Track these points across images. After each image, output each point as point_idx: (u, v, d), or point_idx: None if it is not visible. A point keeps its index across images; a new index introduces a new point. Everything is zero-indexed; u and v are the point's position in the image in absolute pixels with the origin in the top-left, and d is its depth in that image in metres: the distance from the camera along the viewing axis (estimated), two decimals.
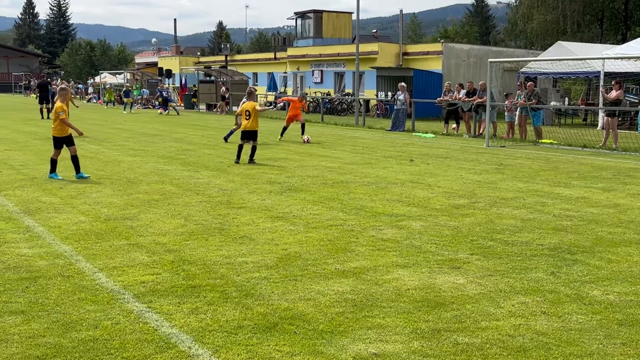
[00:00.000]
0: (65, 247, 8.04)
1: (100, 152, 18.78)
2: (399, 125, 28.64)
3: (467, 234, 8.90)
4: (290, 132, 24.13)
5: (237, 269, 7.17)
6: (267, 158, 17.55)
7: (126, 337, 5.24)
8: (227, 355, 4.91)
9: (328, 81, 49.76)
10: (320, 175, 14.44)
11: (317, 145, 21.57)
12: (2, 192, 11.94)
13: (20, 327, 5.44)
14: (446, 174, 14.83)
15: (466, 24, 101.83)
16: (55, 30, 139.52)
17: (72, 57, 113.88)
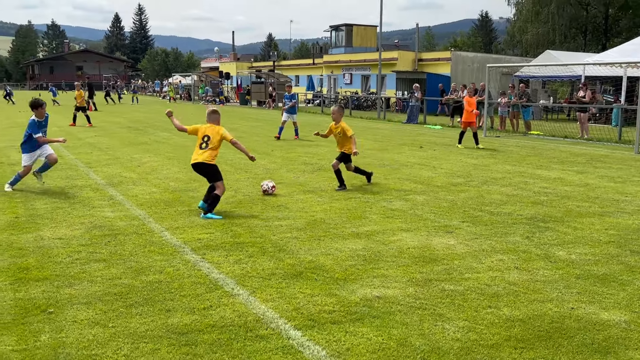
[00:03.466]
0: (139, 212, 8.31)
1: (171, 138, 19.10)
2: (413, 118, 28.52)
3: (460, 206, 8.95)
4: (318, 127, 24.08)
5: (274, 230, 7.35)
6: (303, 145, 17.68)
7: (184, 280, 5.46)
8: (262, 295, 5.11)
9: (356, 82, 49.55)
10: None
11: None
12: (92, 168, 12.29)
13: (103, 271, 5.71)
14: (448, 158, 14.80)
15: (472, 35, 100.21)
16: (137, 40, 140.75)
17: (150, 62, 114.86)
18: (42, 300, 4.93)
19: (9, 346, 4.06)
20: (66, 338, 4.20)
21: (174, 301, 4.93)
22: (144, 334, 4.28)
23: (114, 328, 4.38)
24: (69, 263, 5.92)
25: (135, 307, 4.78)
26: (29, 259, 6.03)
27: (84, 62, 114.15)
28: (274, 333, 4.32)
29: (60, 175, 11.31)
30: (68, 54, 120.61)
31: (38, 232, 7.13)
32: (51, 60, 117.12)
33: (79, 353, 3.97)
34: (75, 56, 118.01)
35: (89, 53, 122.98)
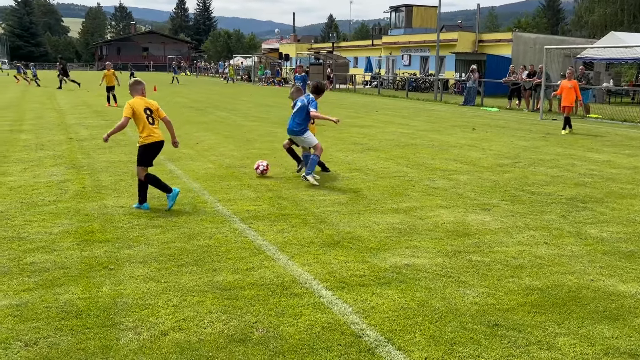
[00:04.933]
0: (195, 185, 8.90)
1: (229, 118, 19.78)
2: (470, 100, 28.36)
3: (502, 186, 9.14)
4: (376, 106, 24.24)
5: (318, 204, 7.78)
6: (356, 125, 18.01)
7: (230, 245, 5.97)
8: (299, 259, 5.56)
9: (415, 64, 49.25)
10: (396, 139, 14.81)
11: (399, 115, 21.78)
12: None
13: (159, 235, 6.28)
14: (500, 140, 14.85)
15: (537, 16, 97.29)
16: (201, 22, 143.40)
17: (213, 44, 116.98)
18: (104, 258, 5.53)
19: (75, 295, 4.65)
20: (124, 290, 4.77)
21: (221, 262, 5.44)
22: (192, 289, 4.80)
23: (166, 283, 4.92)
24: (129, 228, 6.53)
25: (186, 267, 5.32)
26: (94, 224, 6.68)
27: (150, 43, 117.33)
28: (307, 292, 4.76)
29: (124, 151, 12.07)
30: (134, 35, 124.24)
31: (102, 201, 7.80)
32: (118, 41, 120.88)
33: (134, 302, 4.53)
34: (141, 37, 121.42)
35: (154, 34, 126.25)
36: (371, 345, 3.88)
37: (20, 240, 6.01)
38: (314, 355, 3.75)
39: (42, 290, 4.72)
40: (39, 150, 11.98)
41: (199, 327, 4.10)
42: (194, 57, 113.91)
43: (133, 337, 3.94)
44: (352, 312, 4.39)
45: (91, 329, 4.04)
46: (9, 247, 5.78)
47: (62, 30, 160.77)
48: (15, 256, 5.53)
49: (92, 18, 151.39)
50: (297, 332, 4.05)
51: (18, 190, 8.31)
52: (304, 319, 4.26)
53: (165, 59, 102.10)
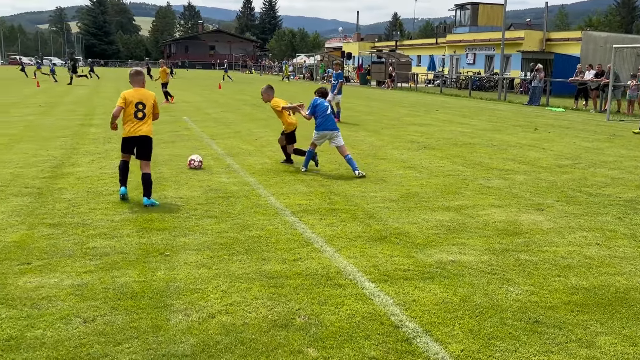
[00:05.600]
0: (251, 179, 9.15)
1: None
2: (534, 100, 27.72)
3: (560, 187, 8.98)
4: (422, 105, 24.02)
5: (368, 200, 7.88)
6: (414, 124, 17.96)
7: (280, 237, 6.16)
8: (346, 252, 5.68)
9: (479, 62, 48.42)
10: (454, 137, 14.71)
11: (459, 114, 21.54)
12: (215, 140, 13.42)
13: (213, 225, 6.54)
14: (562, 140, 14.52)
15: (610, 14, 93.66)
16: (266, 21, 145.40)
17: (278, 42, 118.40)
18: (161, 245, 5.81)
19: (131, 278, 4.94)
20: (177, 275, 5.02)
21: (270, 252, 5.63)
22: (241, 276, 5.00)
23: (217, 270, 5.15)
24: (186, 218, 6.82)
25: (236, 255, 5.54)
26: (153, 213, 7.00)
27: (216, 42, 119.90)
28: (351, 283, 4.88)
29: (187, 146, 12.49)
30: (202, 33, 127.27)
31: (163, 191, 8.15)
32: (186, 40, 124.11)
33: (185, 287, 4.76)
34: (208, 36, 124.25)
35: (221, 33, 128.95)
36: (409, 335, 3.97)
37: (85, 227, 6.38)
38: (352, 343, 3.87)
39: (102, 273, 5.03)
40: (106, 143, 12.55)
41: (245, 312, 4.29)
42: (258, 55, 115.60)
43: (182, 319, 4.17)
44: (393, 304, 4.48)
45: (144, 310, 4.30)
46: (74, 232, 6.15)
47: (133, 29, 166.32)
48: (80, 241, 5.89)
49: (162, 17, 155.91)
50: (337, 321, 4.18)
51: (85, 180, 8.78)
52: (345, 309, 4.38)
53: (231, 57, 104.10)
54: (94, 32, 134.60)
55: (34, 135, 13.51)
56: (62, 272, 5.02)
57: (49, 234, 6.09)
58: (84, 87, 36.00)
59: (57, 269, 5.11)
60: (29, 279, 4.85)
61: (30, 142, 12.48)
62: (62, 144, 12.42)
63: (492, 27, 51.21)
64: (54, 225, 6.38)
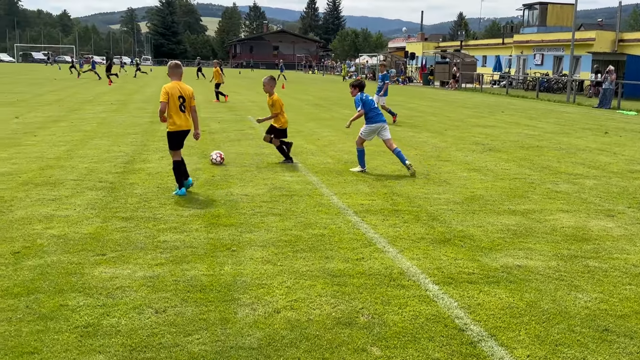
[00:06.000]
0: (313, 178, 9.25)
1: (350, 115, 20.06)
2: (605, 103, 26.77)
3: (631, 192, 8.68)
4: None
5: (431, 202, 7.84)
6: (479, 125, 17.68)
7: (343, 236, 6.21)
8: (409, 254, 5.68)
9: (547, 63, 47.09)
10: (520, 140, 14.40)
11: (526, 116, 21.05)
12: None
13: (277, 223, 6.65)
14: (634, 145, 13.99)
15: None
16: (330, 21, 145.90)
17: (340, 43, 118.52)
18: (228, 240, 5.97)
19: (200, 271, 5.10)
20: (243, 270, 5.15)
21: (333, 251, 5.69)
22: (305, 273, 5.08)
23: (282, 266, 5.25)
24: (251, 215, 6.97)
25: (301, 253, 5.63)
26: (220, 209, 7.19)
27: (280, 42, 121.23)
28: (414, 284, 4.89)
29: (252, 144, 12.73)
30: (266, 34, 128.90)
31: (229, 189, 8.34)
32: (251, 40, 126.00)
33: (252, 281, 4.88)
34: (272, 36, 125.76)
35: (284, 34, 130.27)
36: (474, 339, 3.95)
37: (156, 221, 6.62)
38: (415, 343, 3.88)
39: (172, 266, 5.21)
40: None
41: (309, 308, 4.37)
42: (321, 55, 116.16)
43: (249, 312, 4.28)
44: (457, 306, 4.46)
45: (212, 302, 4.43)
46: (145, 226, 6.39)
47: (200, 29, 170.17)
48: (151, 234, 6.12)
49: (228, 17, 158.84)
50: (401, 321, 4.20)
51: (155, 176, 9.08)
52: (409, 309, 4.39)
53: (294, 57, 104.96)
54: (162, 32, 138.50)
55: (107, 132, 14.06)
56: (134, 264, 5.23)
57: (122, 227, 6.35)
58: (153, 86, 37.10)
59: (130, 260, 5.32)
60: (104, 270, 5.08)
61: (103, 139, 13.00)
62: (133, 140, 12.87)
63: (562, 27, 49.69)
64: (126, 219, 6.65)
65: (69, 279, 4.82)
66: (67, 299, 4.44)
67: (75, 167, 9.56)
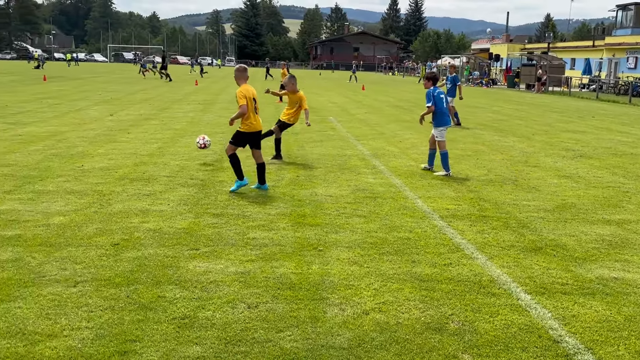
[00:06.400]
0: (397, 181, 9.21)
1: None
2: None
3: None
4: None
5: (521, 209, 7.64)
6: (568, 130, 17.05)
7: (429, 241, 6.16)
8: (498, 261, 5.56)
9: None
10: (613, 146, 13.78)
11: (618, 122, 20.11)
12: (360, 141, 13.64)
13: (362, 225, 6.67)
14: None
15: None
16: (411, 22, 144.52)
17: (422, 44, 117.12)
18: (314, 240, 6.04)
19: (289, 269, 5.19)
20: (330, 270, 5.20)
21: (419, 255, 5.66)
22: (392, 276, 5.08)
23: (368, 268, 5.27)
24: (336, 215, 7.03)
25: (386, 255, 5.62)
26: (306, 209, 7.28)
27: (361, 43, 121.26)
28: (505, 293, 4.78)
29: (334, 145, 12.82)
30: (347, 35, 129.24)
31: (313, 189, 8.44)
32: (332, 41, 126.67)
33: (339, 282, 4.93)
34: (353, 38, 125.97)
35: (365, 35, 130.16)
36: (569, 351, 3.82)
37: (244, 218, 6.79)
38: (508, 353, 3.80)
39: (262, 263, 5.34)
40: None
41: (398, 312, 4.36)
42: (402, 57, 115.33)
43: (338, 312, 4.32)
44: (551, 317, 4.33)
45: (302, 300, 4.51)
46: (235, 223, 6.57)
47: (282, 31, 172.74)
48: (241, 231, 6.29)
49: (310, 19, 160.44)
50: (492, 329, 4.12)
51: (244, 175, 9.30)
52: (500, 318, 4.30)
53: (374, 58, 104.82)
54: (246, 33, 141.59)
55: (196, 131, 14.52)
56: (226, 260, 5.39)
57: (213, 223, 6.56)
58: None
59: (222, 256, 5.49)
60: (198, 264, 5.26)
61: (193, 137, 13.43)
62: (221, 139, 13.23)
63: None
64: (217, 215, 6.86)
65: (166, 272, 5.03)
66: (165, 290, 4.63)
67: (167, 164, 9.95)
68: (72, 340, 3.78)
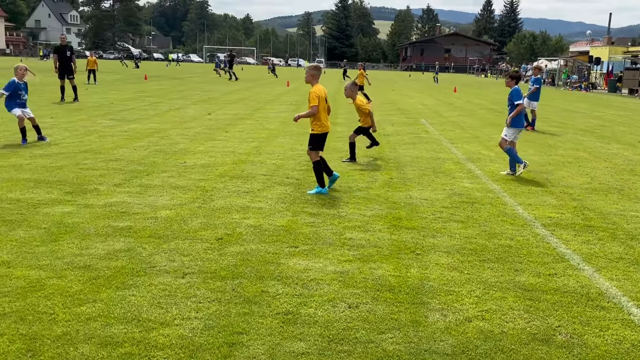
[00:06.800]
0: (495, 186, 8.99)
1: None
2: None
3: None
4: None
5: (628, 219, 7.27)
6: None
7: (531, 249, 5.97)
8: (607, 273, 5.32)
9: None
10: None
11: None
12: (454, 144, 13.42)
13: (460, 230, 6.56)
14: None
15: None
16: (506, 24, 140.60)
17: (516, 46, 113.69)
18: (411, 243, 6.01)
19: (387, 271, 5.19)
20: (429, 274, 5.15)
21: (522, 264, 5.50)
22: (494, 284, 4.97)
23: (469, 275, 5.18)
24: (433, 219, 6.95)
25: (487, 263, 5.51)
26: (401, 212, 7.25)
27: (452, 45, 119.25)
28: (615, 307, 4.57)
29: (427, 148, 12.69)
30: (438, 37, 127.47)
31: (408, 192, 8.39)
32: (422, 43, 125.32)
33: (439, 287, 4.88)
34: (444, 39, 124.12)
35: (457, 36, 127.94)
36: None
37: (340, 218, 6.85)
38: None
39: (359, 263, 5.37)
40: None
41: (502, 321, 4.27)
42: (495, 59, 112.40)
43: (439, 318, 4.28)
44: None
45: (402, 304, 4.50)
46: (331, 223, 6.64)
47: (372, 32, 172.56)
48: (337, 231, 6.35)
49: (401, 20, 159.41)
50: (603, 344, 3.95)
51: None
52: (611, 333, 4.12)
53: (466, 60, 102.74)
54: (336, 35, 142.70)
55: (289, 131, 14.79)
56: (325, 259, 5.46)
57: (310, 222, 6.66)
58: (328, 87, 38.34)
59: (321, 255, 5.57)
60: (298, 261, 5.36)
61: (286, 137, 13.70)
62: None
63: None
64: (314, 215, 6.96)
65: (267, 267, 5.16)
66: (267, 286, 4.75)
67: (263, 163, 10.19)
68: (183, 330, 3.96)
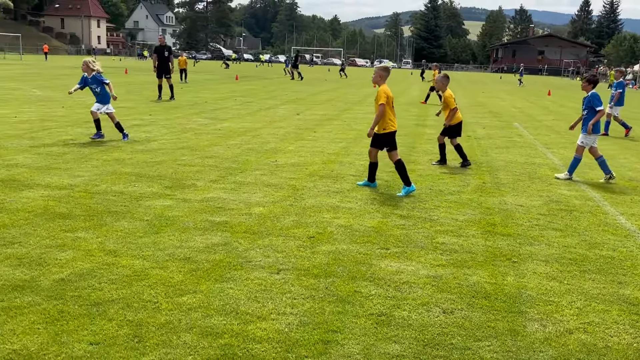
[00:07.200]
0: (594, 194, 8.61)
1: (618, 128, 18.27)
2: None
3: None
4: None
5: None
6: None
7: (636, 262, 5.67)
8: None
9: None
10: None
11: None
12: (549, 149, 12.94)
13: (559, 239, 6.33)
14: None
15: None
16: (605, 25, 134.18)
17: (615, 48, 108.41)
18: (507, 250, 5.85)
19: (482, 278, 5.08)
20: (527, 283, 5.00)
21: (626, 277, 5.24)
22: (596, 296, 4.76)
23: (569, 285, 4.99)
24: (529, 227, 6.74)
25: (588, 274, 5.28)
26: (495, 217, 7.08)
27: (546, 46, 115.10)
28: None
29: (521, 153, 12.31)
30: (531, 38, 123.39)
31: (502, 197, 8.18)
32: (514, 44, 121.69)
33: (538, 297, 4.72)
34: (537, 40, 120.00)
35: (551, 37, 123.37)
36: None
37: (431, 222, 6.77)
38: None
39: (453, 269, 5.28)
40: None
41: (605, 334, 4.08)
42: (592, 61, 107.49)
43: (539, 328, 4.15)
44: None
45: (499, 312, 4.39)
46: (422, 226, 6.58)
47: (462, 33, 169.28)
48: (429, 235, 6.28)
49: (493, 21, 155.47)
50: None
51: (426, 178, 9.28)
52: None
53: (560, 62, 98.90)
54: (424, 36, 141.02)
55: None
56: (417, 262, 5.42)
57: (401, 224, 6.62)
58: (417, 90, 37.97)
59: (412, 258, 5.53)
60: (389, 263, 5.35)
61: None
62: (402, 142, 13.24)
63: None
64: (404, 217, 6.91)
65: (359, 268, 5.18)
66: (360, 286, 4.77)
67: (352, 164, 10.22)
68: (279, 324, 4.04)
